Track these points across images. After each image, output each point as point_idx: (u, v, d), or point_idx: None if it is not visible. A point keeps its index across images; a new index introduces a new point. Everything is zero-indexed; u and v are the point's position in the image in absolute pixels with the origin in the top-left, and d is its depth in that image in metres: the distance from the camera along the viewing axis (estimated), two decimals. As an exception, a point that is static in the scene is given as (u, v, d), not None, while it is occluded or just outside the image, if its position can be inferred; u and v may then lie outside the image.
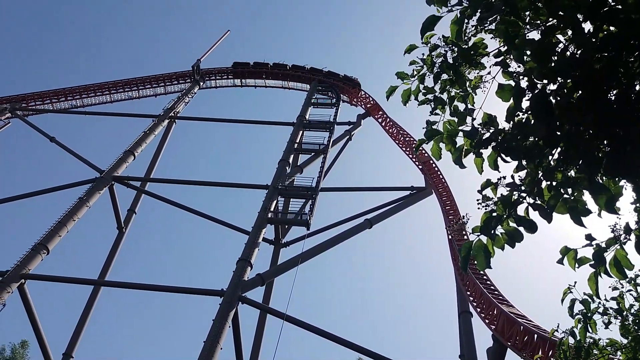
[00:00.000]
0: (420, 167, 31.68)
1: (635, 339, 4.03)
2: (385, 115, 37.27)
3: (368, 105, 38.49)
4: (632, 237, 3.25)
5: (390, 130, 36.20)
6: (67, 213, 26.61)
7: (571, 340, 4.51)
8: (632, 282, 4.66)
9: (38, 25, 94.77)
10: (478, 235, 2.94)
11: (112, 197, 30.44)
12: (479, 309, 19.04)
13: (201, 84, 44.45)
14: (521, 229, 2.90)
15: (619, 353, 4.43)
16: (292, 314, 21.37)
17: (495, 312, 17.57)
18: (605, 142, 3.14)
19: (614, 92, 3.23)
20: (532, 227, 2.89)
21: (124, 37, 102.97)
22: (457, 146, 3.21)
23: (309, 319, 21.25)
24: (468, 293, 20.27)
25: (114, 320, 73.77)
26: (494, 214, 2.93)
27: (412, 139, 34.30)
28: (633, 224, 3.32)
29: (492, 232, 2.88)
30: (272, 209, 26.43)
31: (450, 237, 24.14)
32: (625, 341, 4.40)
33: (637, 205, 3.37)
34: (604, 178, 3.20)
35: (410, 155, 33.61)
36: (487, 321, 18.05)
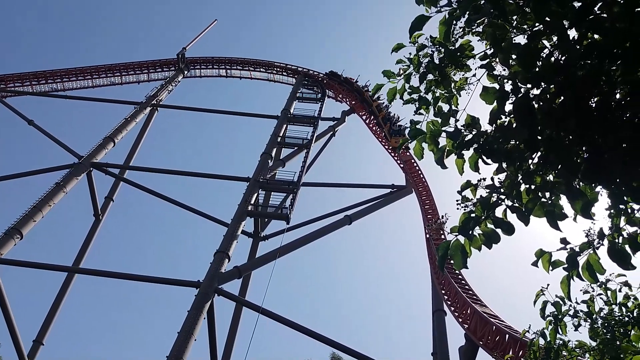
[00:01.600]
0: (401, 166, 31.87)
1: (603, 342, 4.13)
2: (369, 113, 37.36)
3: (353, 102, 38.54)
4: (605, 242, 3.33)
5: (374, 129, 36.32)
6: (43, 198, 26.16)
7: (541, 341, 4.60)
8: (603, 286, 4.77)
9: (20, 6, 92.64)
10: (456, 235, 2.98)
11: (90, 184, 30.01)
12: (453, 308, 19.30)
13: (185, 72, 44.00)
14: (499, 230, 2.94)
15: (587, 355, 4.53)
16: (268, 308, 21.39)
17: (468, 312, 17.83)
18: (584, 148, 3.20)
19: (596, 99, 3.30)
20: (509, 229, 2.94)
21: (109, 22, 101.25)
22: (439, 146, 3.23)
23: (285, 313, 21.27)
24: (443, 292, 20.50)
25: (88, 309, 72.88)
26: (473, 215, 2.97)
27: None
28: (607, 230, 3.39)
29: (470, 232, 2.92)
30: (252, 202, 26.36)
31: (428, 236, 24.41)
32: (593, 344, 4.50)
33: (612, 211, 3.44)
34: (581, 184, 3.27)
35: (392, 154, 33.78)
36: (460, 320, 18.30)
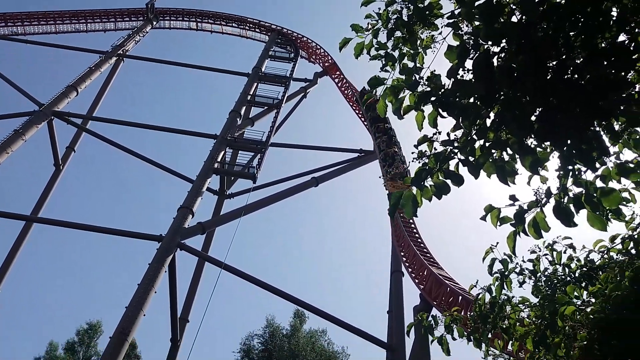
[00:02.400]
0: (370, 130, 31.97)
1: (544, 297, 4.34)
2: (342, 76, 37.09)
3: (326, 64, 38.13)
4: (552, 201, 3.47)
5: (346, 92, 36.15)
6: (0, 145, 25.26)
7: (488, 297, 4.82)
8: (550, 247, 5.00)
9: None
10: (409, 186, 3.05)
11: (51, 133, 29.10)
12: (410, 269, 19.91)
13: (154, 23, 42.51)
14: (449, 182, 3.02)
15: (528, 310, 4.77)
16: (231, 265, 21.56)
17: (425, 273, 18.46)
18: (539, 108, 3.29)
19: (554, 62, 3.37)
20: (459, 181, 3.03)
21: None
22: (398, 97, 3.26)
23: (248, 271, 21.50)
24: (402, 254, 21.07)
25: (46, 259, 71.77)
26: (426, 167, 3.04)
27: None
28: (554, 190, 3.53)
29: (422, 183, 3.00)
30: (219, 160, 26.12)
31: (388, 192, 24.66)
32: (535, 300, 4.74)
33: (561, 172, 3.58)
34: (533, 144, 3.37)
35: (362, 118, 33.81)
36: (416, 281, 18.95)
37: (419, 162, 3.27)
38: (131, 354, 36.08)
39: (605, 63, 3.37)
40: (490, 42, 3.10)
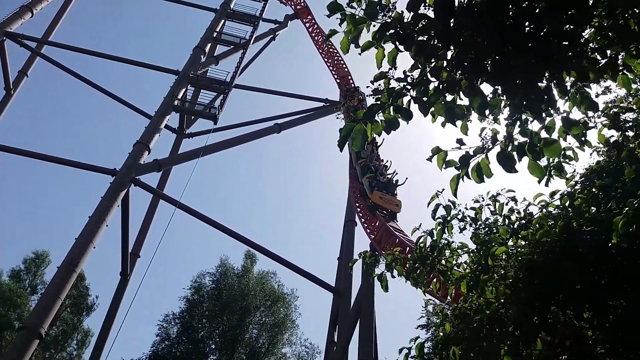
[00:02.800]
0: (337, 80, 31.69)
1: (481, 243, 4.52)
2: (313, 21, 36.16)
3: (298, 7, 37.01)
4: (498, 148, 3.57)
5: (316, 38, 35.40)
6: (-56, 61, 23.72)
7: (429, 241, 4.99)
8: (493, 198, 5.18)
9: None
10: (361, 120, 3.06)
11: (2, 54, 27.45)
12: (363, 220, 20.37)
13: (119, -55, 39.90)
14: (399, 118, 3.05)
15: (466, 256, 4.98)
16: (186, 204, 21.44)
17: (377, 224, 18.95)
18: (494, 53, 3.32)
19: (513, 9, 3.38)
20: (408, 116, 3.05)
21: None
22: (357, 26, 3.21)
23: (204, 212, 21.43)
24: (357, 204, 21.47)
25: (-5, 188, 69.35)
26: (379, 102, 3.05)
27: (335, 50, 33.86)
28: (501, 137, 3.62)
29: (374, 117, 3.01)
30: (179, 97, 25.41)
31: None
32: (474, 247, 4.94)
33: (509, 121, 3.66)
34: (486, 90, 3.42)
35: (331, 67, 33.36)
36: (368, 231, 19.47)
37: (374, 99, 3.28)
38: (79, 285, 35.95)
39: (564, 16, 3.41)
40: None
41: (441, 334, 4.85)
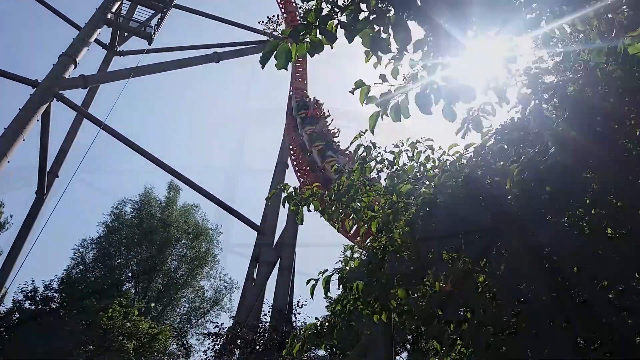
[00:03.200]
0: (285, 16, 30.79)
1: (394, 185, 4.65)
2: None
3: None
4: (418, 90, 3.60)
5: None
6: None
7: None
8: (412, 145, 5.30)
9: None
10: (286, 38, 2.97)
11: None
12: (295, 163, 20.47)
13: None
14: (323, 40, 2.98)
15: (380, 197, 5.12)
16: (112, 127, 20.50)
17: (308, 169, 19.13)
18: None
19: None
20: (332, 39, 3.00)
21: None
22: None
23: (130, 137, 20.59)
24: (290, 147, 21.48)
25: None
26: (306, 22, 2.96)
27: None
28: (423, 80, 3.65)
29: (300, 37, 2.93)
30: (113, 10, 23.73)
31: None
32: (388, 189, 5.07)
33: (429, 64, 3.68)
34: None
35: (280, 5, 32.28)
36: (298, 174, 19.63)
37: (301, 20, 3.18)
38: (-10, 201, 33.95)
39: None
40: None
41: (347, 268, 5.02)
